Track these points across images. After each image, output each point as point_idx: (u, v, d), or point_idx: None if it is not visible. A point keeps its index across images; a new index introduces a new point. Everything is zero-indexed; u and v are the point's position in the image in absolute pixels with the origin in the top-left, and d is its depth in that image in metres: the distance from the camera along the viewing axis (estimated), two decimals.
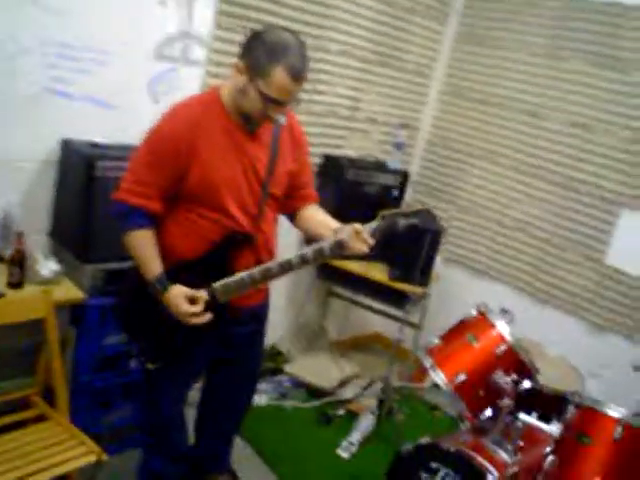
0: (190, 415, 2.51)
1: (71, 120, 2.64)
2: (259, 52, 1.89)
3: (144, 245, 2.01)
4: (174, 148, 1.94)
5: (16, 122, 2.52)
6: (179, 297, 1.99)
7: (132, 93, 2.80)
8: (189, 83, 2.98)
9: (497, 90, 3.94)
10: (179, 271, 2.04)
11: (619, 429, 2.24)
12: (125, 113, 2.77)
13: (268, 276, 2.03)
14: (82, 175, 2.48)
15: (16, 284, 2.36)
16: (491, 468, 2.25)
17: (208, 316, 2.02)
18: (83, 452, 2.16)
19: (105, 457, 2.18)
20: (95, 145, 2.57)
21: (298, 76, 1.89)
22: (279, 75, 1.87)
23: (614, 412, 2.28)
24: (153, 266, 2.01)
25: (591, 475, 2.26)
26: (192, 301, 2.01)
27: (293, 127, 2.18)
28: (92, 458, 2.16)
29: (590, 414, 2.33)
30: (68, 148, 2.60)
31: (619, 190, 3.47)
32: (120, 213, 2.01)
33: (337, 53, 3.57)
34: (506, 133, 3.90)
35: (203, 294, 2.02)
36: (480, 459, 2.29)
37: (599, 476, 2.24)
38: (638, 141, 3.39)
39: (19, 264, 2.35)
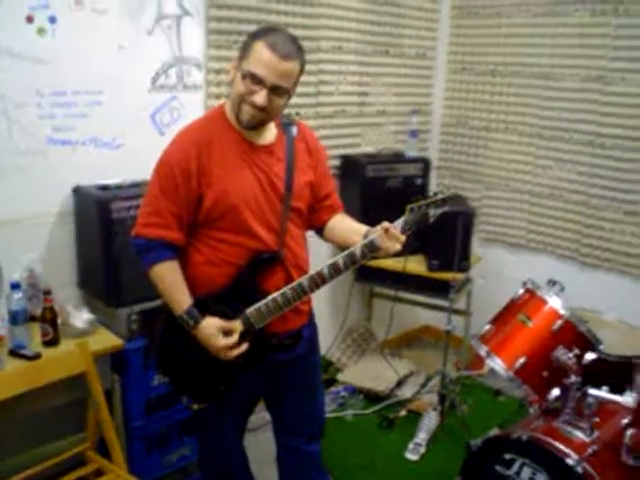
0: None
1: (80, 167, 2.60)
2: (245, 41, 1.85)
3: (169, 278, 1.92)
4: (184, 171, 1.85)
5: (24, 179, 2.48)
6: (212, 330, 1.90)
7: (136, 129, 2.75)
8: (191, 109, 2.91)
9: (505, 59, 3.83)
10: (208, 302, 1.93)
11: None
12: (132, 150, 2.72)
13: (301, 292, 1.91)
14: (98, 220, 2.43)
15: (51, 342, 2.32)
16: (568, 451, 2.13)
17: (245, 346, 1.92)
18: None
19: None
20: (105, 187, 2.52)
21: (277, 49, 1.77)
22: (258, 49, 1.79)
23: None
24: (181, 300, 1.91)
25: None
26: (226, 333, 1.91)
27: (307, 136, 2.08)
28: None
29: None
30: (79, 195, 2.56)
31: None
32: (140, 249, 1.92)
33: (333, 50, 3.48)
34: (521, 100, 3.79)
35: (237, 324, 1.93)
36: (556, 443, 2.17)
37: None
38: None
39: (50, 322, 2.32)
